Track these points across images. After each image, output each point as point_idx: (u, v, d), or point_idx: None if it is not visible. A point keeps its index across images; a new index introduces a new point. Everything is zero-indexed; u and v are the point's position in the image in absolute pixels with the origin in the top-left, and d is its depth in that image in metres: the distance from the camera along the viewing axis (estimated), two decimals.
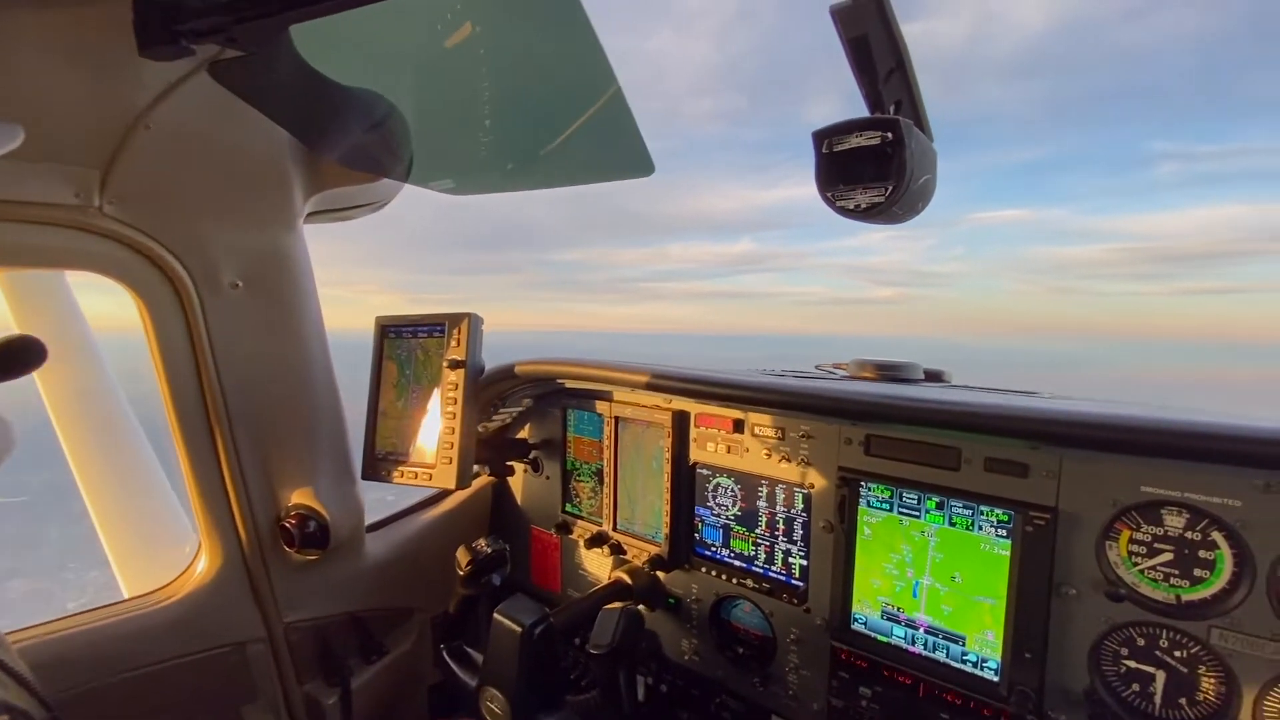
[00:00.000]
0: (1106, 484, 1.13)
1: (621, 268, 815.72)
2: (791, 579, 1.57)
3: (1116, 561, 1.15)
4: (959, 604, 1.29)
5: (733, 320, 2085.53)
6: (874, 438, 1.39)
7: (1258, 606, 1.01)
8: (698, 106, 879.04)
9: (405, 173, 1.66)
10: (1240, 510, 1.02)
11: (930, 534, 1.32)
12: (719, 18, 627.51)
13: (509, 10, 1.38)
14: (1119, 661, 1.15)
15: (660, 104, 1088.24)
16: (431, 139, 1.67)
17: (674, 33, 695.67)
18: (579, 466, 1.99)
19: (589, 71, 1.35)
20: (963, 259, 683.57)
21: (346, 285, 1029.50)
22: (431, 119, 1.60)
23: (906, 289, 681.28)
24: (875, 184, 1.02)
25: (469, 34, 1.34)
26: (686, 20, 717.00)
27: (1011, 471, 1.22)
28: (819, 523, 1.49)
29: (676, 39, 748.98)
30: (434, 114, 1.59)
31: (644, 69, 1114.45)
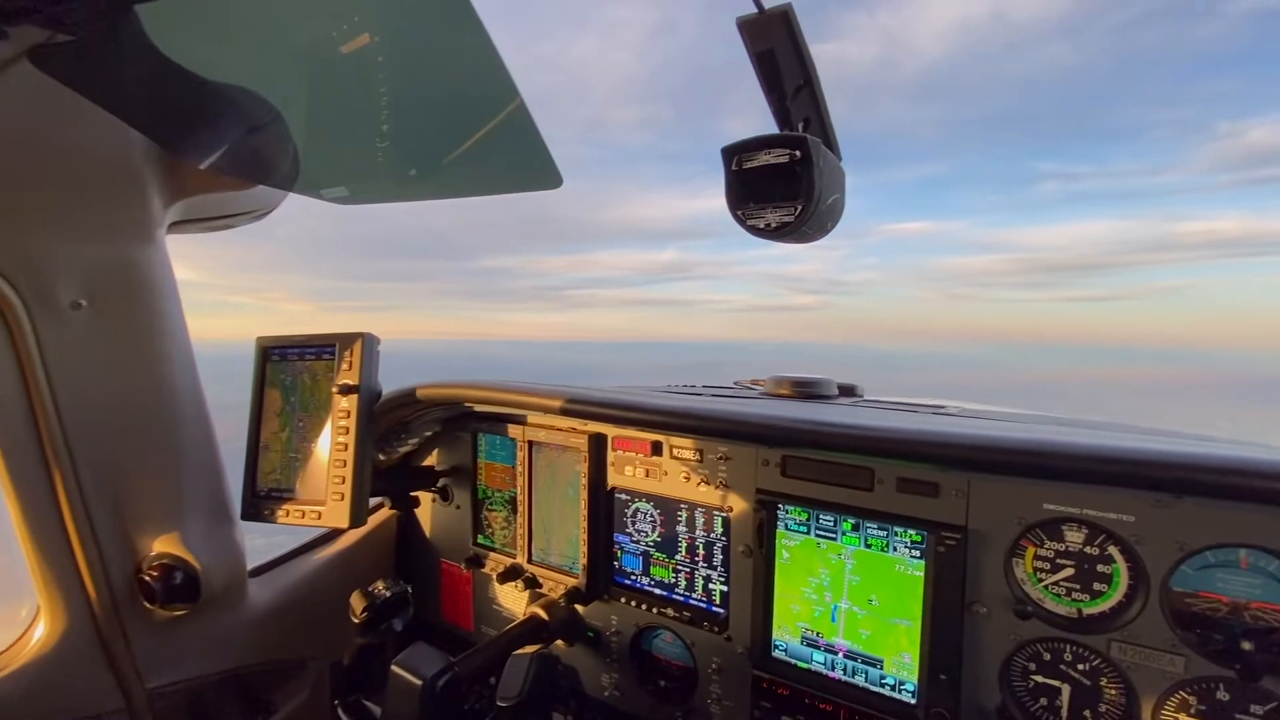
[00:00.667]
0: (1012, 502, 1.14)
1: (549, 275, 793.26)
2: (712, 606, 1.52)
3: (1023, 578, 1.16)
4: (876, 627, 1.27)
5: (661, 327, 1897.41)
6: (790, 459, 1.37)
7: (1153, 619, 1.04)
8: (624, 115, 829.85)
9: (283, 179, 1.50)
10: (1133, 525, 1.05)
11: (847, 556, 1.30)
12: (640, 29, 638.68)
13: (400, 12, 1.27)
14: (1028, 677, 1.17)
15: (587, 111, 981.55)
16: (314, 142, 1.52)
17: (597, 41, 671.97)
18: (491, 495, 1.87)
19: (487, 82, 1.26)
20: (874, 269, 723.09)
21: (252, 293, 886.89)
22: (312, 120, 1.45)
23: (824, 297, 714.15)
24: (785, 203, 0.99)
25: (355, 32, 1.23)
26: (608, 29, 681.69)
27: (923, 491, 1.21)
28: (738, 547, 1.45)
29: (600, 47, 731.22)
30: (315, 114, 1.44)
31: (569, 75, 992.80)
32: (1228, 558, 1.01)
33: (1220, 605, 1.02)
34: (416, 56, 1.31)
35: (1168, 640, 1.03)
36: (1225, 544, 1.00)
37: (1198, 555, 1.02)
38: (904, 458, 1.18)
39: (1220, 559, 1.02)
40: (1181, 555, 1.02)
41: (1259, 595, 1.00)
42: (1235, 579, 1.01)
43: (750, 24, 0.99)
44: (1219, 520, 0.99)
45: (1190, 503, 1.01)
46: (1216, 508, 0.99)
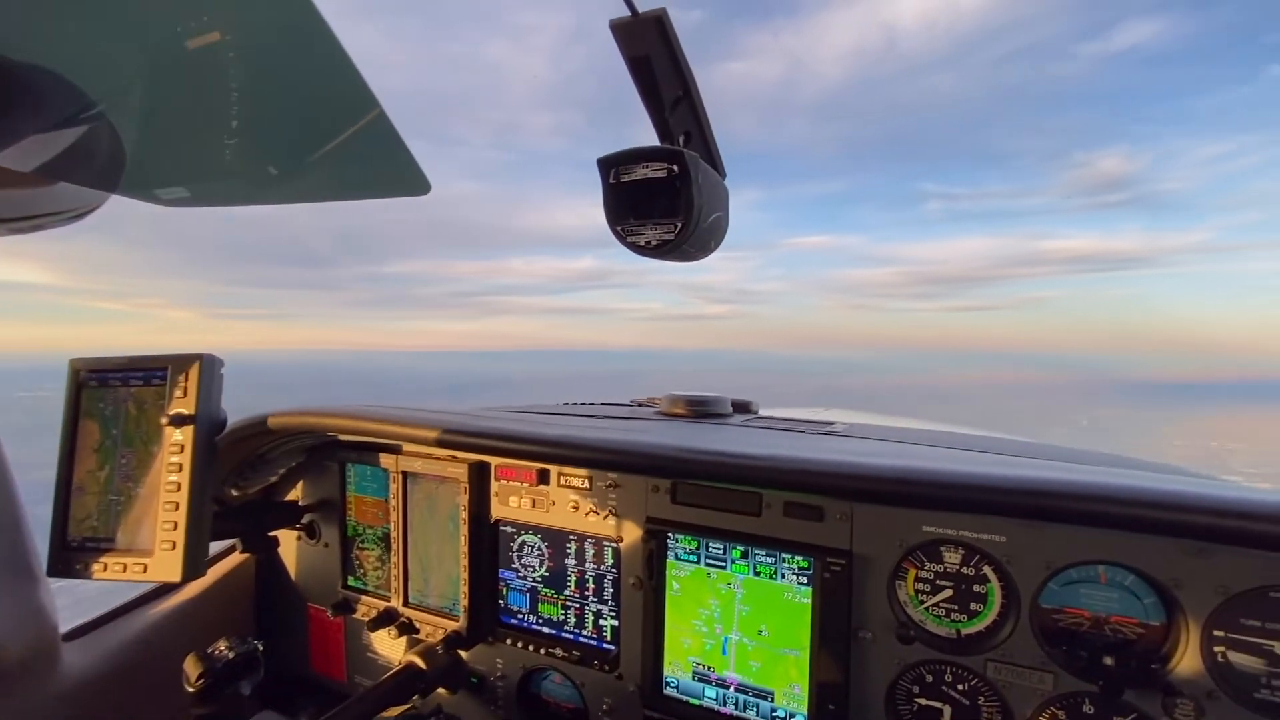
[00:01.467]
0: (894, 525, 1.14)
1: (462, 281, 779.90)
2: (603, 643, 1.43)
3: (905, 600, 1.16)
4: (766, 658, 1.23)
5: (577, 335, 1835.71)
6: (681, 485, 1.31)
7: (1024, 637, 1.06)
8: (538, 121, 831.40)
9: (98, 178, 1.28)
10: (1005, 545, 1.06)
11: (736, 585, 1.25)
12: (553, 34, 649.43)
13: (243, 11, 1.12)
14: (911, 700, 1.16)
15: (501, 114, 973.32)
16: (146, 139, 1.31)
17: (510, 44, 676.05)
18: (362, 531, 1.70)
19: (339, 87, 1.13)
20: (781, 279, 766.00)
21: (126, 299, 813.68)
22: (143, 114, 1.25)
23: (735, 306, 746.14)
24: (665, 220, 0.92)
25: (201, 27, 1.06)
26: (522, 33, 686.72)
27: (808, 516, 1.19)
28: (629, 579, 1.37)
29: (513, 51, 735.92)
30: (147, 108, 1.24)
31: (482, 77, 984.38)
32: (1089, 574, 1.04)
33: (1083, 620, 1.05)
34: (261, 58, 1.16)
35: (1038, 658, 1.05)
36: (1086, 561, 1.02)
37: (1063, 572, 1.04)
38: (787, 488, 1.15)
39: (1082, 575, 1.05)
40: (1048, 573, 1.04)
41: (1117, 609, 1.03)
42: (1096, 594, 1.04)
43: (623, 27, 0.92)
44: (1081, 539, 1.02)
45: (1055, 529, 1.03)
46: (1079, 528, 1.02)
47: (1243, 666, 0.95)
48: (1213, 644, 0.96)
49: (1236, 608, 0.95)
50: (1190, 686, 0.96)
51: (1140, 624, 1.02)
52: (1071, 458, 1.33)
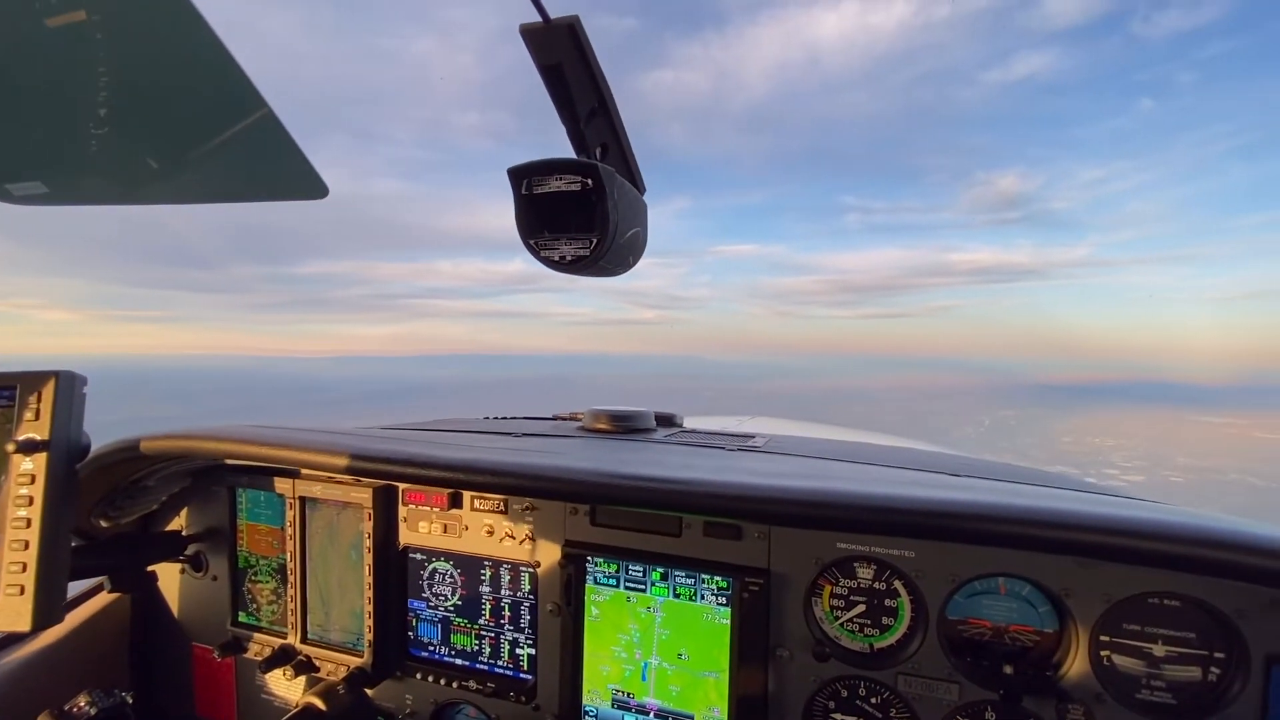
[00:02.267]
0: (810, 543, 1.14)
1: (385, 283, 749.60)
2: (520, 673, 1.37)
3: (821, 617, 1.16)
4: (686, 682, 1.21)
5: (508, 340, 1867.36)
6: (601, 507, 1.27)
7: (932, 649, 1.09)
8: (465, 120, 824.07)
9: None
10: (914, 560, 1.09)
11: (656, 609, 1.23)
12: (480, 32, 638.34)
13: None
14: (828, 715, 1.17)
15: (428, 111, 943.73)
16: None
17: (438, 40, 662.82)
18: (255, 562, 1.56)
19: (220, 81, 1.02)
20: (709, 285, 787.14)
21: None
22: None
23: (665, 311, 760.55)
24: (581, 235, 0.88)
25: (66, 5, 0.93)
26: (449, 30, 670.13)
27: (727, 535, 1.18)
28: (546, 605, 1.32)
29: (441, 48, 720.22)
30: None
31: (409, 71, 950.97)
32: (990, 585, 1.08)
33: (986, 630, 1.09)
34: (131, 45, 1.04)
35: (944, 669, 1.08)
36: (988, 574, 1.06)
37: (966, 585, 1.08)
38: (703, 513, 1.14)
39: (985, 587, 1.08)
40: (954, 586, 1.07)
41: (1015, 618, 1.08)
42: (997, 604, 1.08)
43: (534, 33, 0.88)
44: (983, 552, 1.05)
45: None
46: (984, 549, 1.05)
47: (1126, 669, 1.01)
48: (1099, 648, 1.02)
49: (1119, 613, 1.00)
50: (1080, 691, 1.01)
51: (1036, 632, 1.06)
52: (974, 470, 1.39)
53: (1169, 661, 0.99)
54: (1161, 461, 36.39)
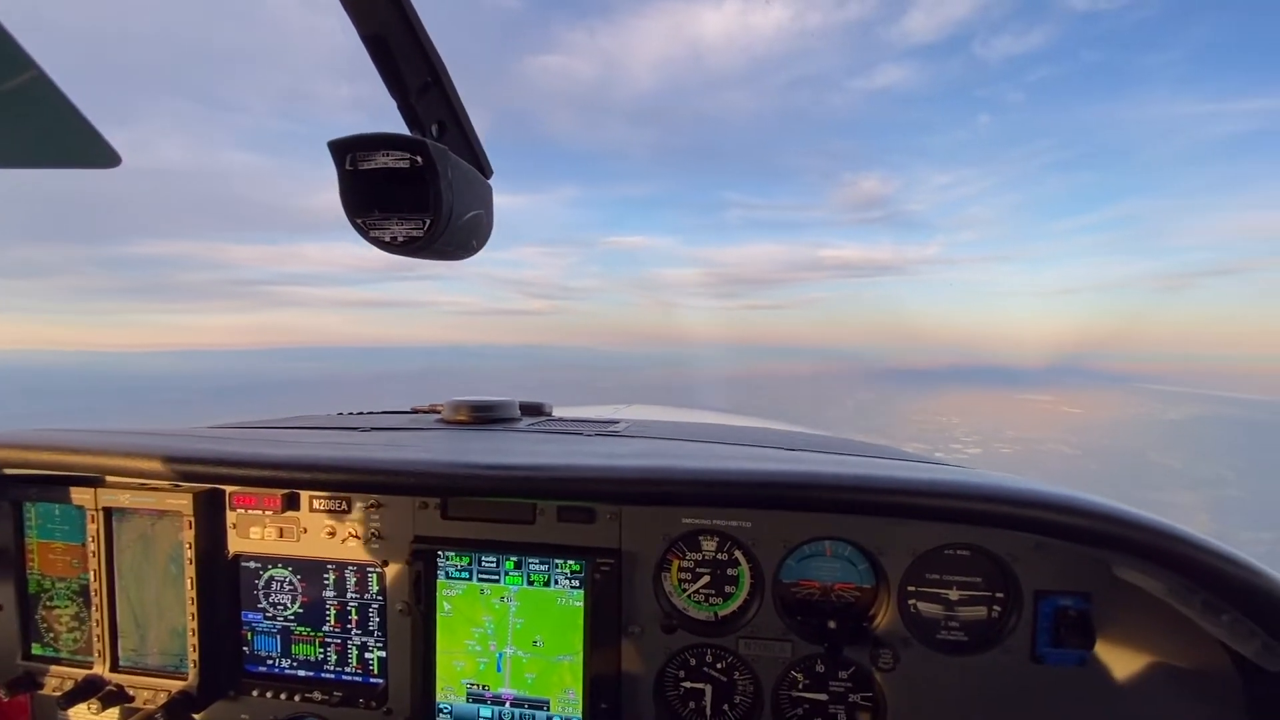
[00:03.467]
0: (658, 520, 1.18)
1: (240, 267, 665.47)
2: (370, 678, 1.31)
3: (670, 591, 1.21)
4: (541, 668, 1.21)
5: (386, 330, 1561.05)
6: (452, 500, 1.24)
7: (768, 612, 1.17)
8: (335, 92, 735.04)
9: None
10: (751, 530, 1.16)
11: (510, 599, 1.22)
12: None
13: None
14: (678, 685, 1.22)
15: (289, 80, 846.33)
16: None
17: None
18: (50, 586, 1.36)
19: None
20: (599, 276, 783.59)
21: None
22: None
23: (555, 301, 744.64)
24: (412, 215, 0.85)
25: None
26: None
27: (580, 519, 1.19)
28: (396, 605, 1.27)
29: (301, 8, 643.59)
30: None
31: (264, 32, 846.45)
32: (817, 549, 1.18)
33: (815, 590, 1.19)
34: None
35: (779, 629, 1.17)
36: (815, 538, 1.16)
37: (797, 550, 1.17)
38: (549, 497, 1.15)
39: (813, 550, 1.18)
40: (786, 551, 1.16)
41: (840, 577, 1.18)
42: (824, 566, 1.19)
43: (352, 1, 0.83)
44: (811, 519, 1.15)
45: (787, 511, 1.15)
46: (811, 516, 1.14)
47: (928, 614, 1.15)
48: (906, 598, 1.15)
49: (922, 565, 1.13)
50: (891, 637, 1.13)
51: (856, 588, 1.18)
52: (810, 445, 1.50)
53: (962, 604, 1.14)
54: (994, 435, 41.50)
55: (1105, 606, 1.07)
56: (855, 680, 1.18)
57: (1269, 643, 0.91)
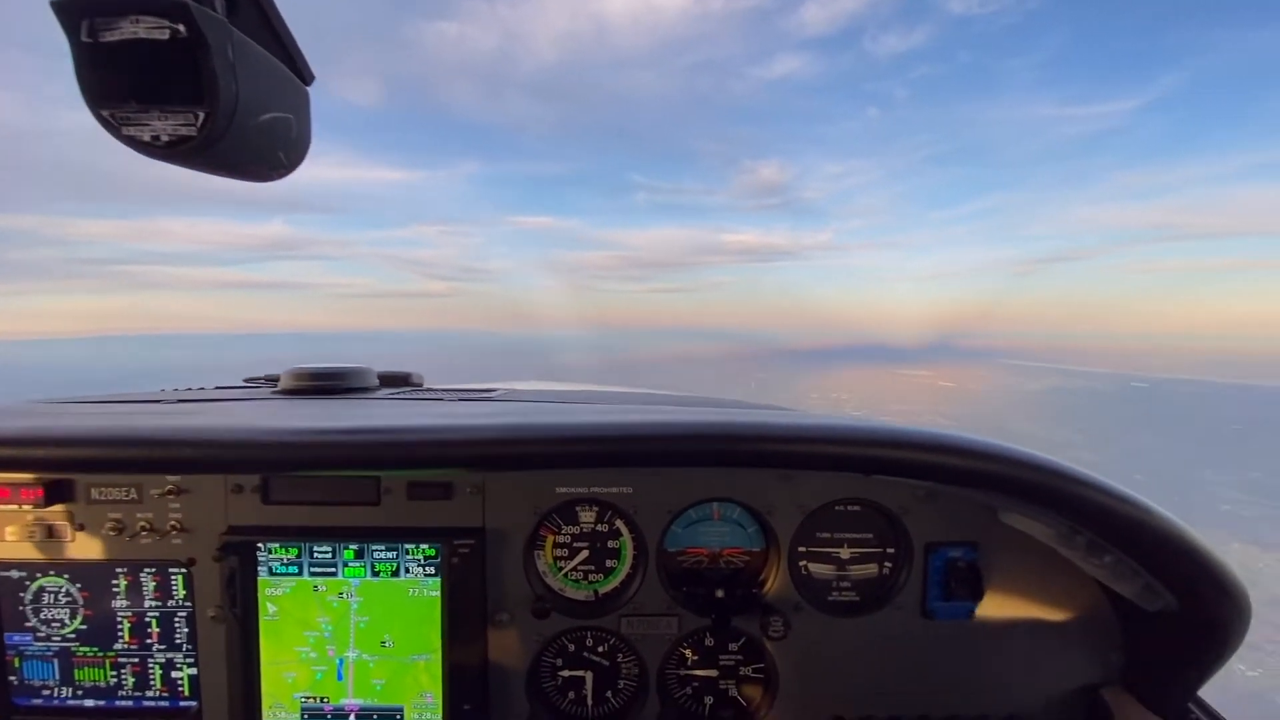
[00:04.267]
0: (528, 492, 1.03)
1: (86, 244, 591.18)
2: (179, 701, 1.07)
3: (545, 570, 1.07)
4: (392, 672, 1.03)
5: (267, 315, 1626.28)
6: (275, 481, 1.02)
7: (652, 586, 1.05)
8: None
9: None
10: (632, 496, 1.04)
11: (351, 594, 1.02)
12: None
13: None
14: (555, 675, 1.08)
15: None
16: None
17: None
18: None
19: None
20: (506, 257, 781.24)
21: None
22: None
23: (457, 284, 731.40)
24: (180, 108, 0.63)
25: None
26: None
27: (436, 495, 1.02)
28: (207, 612, 1.04)
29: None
30: None
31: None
32: (704, 513, 1.08)
33: (703, 558, 1.09)
34: None
35: (664, 603, 1.05)
36: (700, 500, 1.05)
37: (682, 515, 1.06)
38: (382, 466, 0.94)
39: (700, 514, 1.08)
40: (670, 517, 1.04)
41: (729, 541, 1.09)
42: (712, 531, 1.08)
43: None
44: (697, 481, 1.04)
45: (670, 472, 1.03)
46: (698, 470, 1.04)
47: (820, 575, 1.08)
48: (797, 559, 1.07)
49: (813, 523, 1.06)
50: (782, 603, 1.05)
51: (746, 552, 1.08)
52: (700, 404, 1.40)
53: (853, 562, 1.07)
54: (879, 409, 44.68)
55: (992, 556, 1.03)
56: (746, 652, 1.09)
57: (1150, 582, 0.90)
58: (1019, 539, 1.01)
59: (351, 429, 0.88)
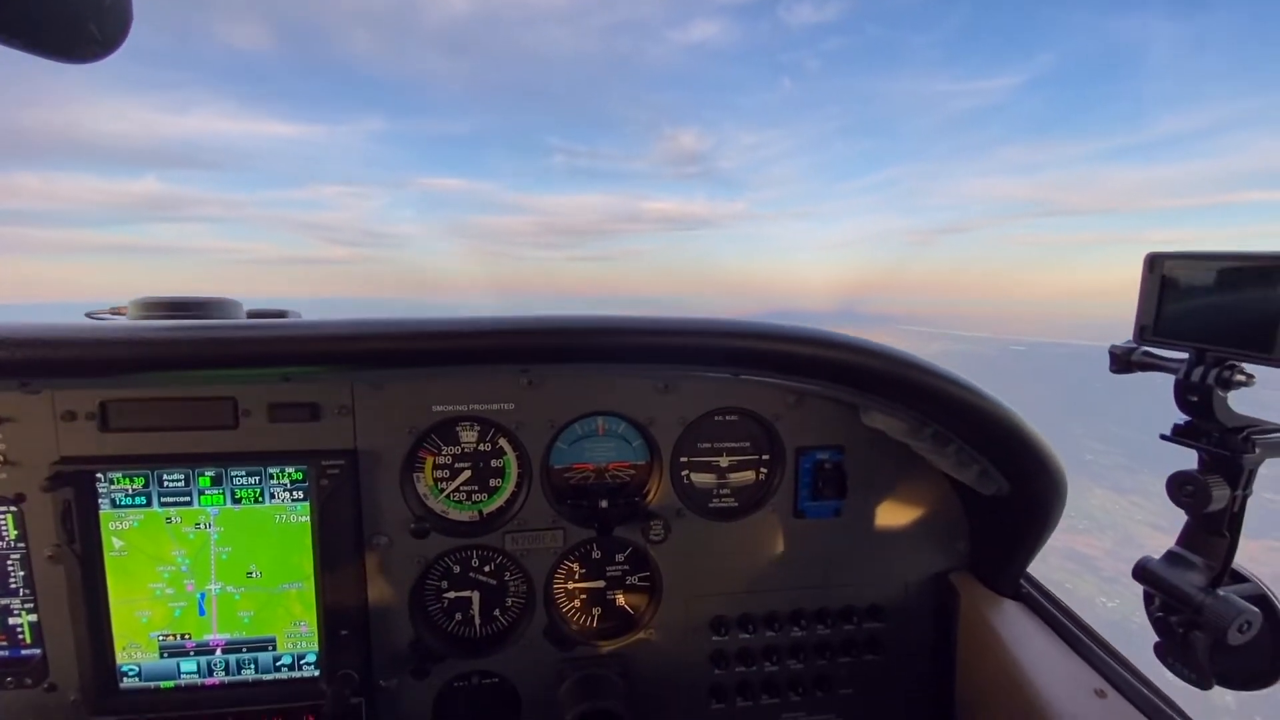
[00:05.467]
0: (402, 412, 1.00)
1: None
2: (20, 650, 0.98)
3: (425, 493, 1.04)
4: (261, 603, 0.99)
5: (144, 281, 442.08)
6: (113, 404, 0.93)
7: (537, 502, 1.05)
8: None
9: None
10: (515, 413, 1.03)
11: (210, 524, 0.96)
12: None
13: None
14: (440, 597, 1.07)
15: None
16: None
17: None
18: None
19: None
20: (413, 221, 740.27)
21: None
22: None
23: (362, 249, 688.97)
24: None
25: None
26: None
27: (300, 416, 0.97)
28: (43, 552, 0.95)
29: None
30: None
31: None
32: (589, 428, 1.08)
33: (589, 473, 1.10)
34: None
35: (549, 517, 1.06)
36: (584, 415, 1.06)
37: (567, 430, 1.06)
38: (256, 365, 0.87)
39: (585, 430, 1.08)
40: (554, 432, 1.05)
41: (614, 456, 1.10)
42: (597, 446, 1.09)
43: None
44: (578, 396, 1.04)
45: (555, 383, 1.03)
46: (580, 384, 1.03)
47: (701, 484, 1.11)
48: (680, 469, 1.10)
49: (693, 434, 1.09)
50: (664, 510, 1.08)
51: (631, 466, 1.10)
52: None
53: (732, 470, 1.12)
54: None
55: (855, 457, 1.11)
56: (632, 562, 1.12)
57: (986, 467, 0.99)
58: (879, 440, 1.08)
59: (200, 326, 0.82)
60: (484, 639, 1.09)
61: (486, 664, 1.08)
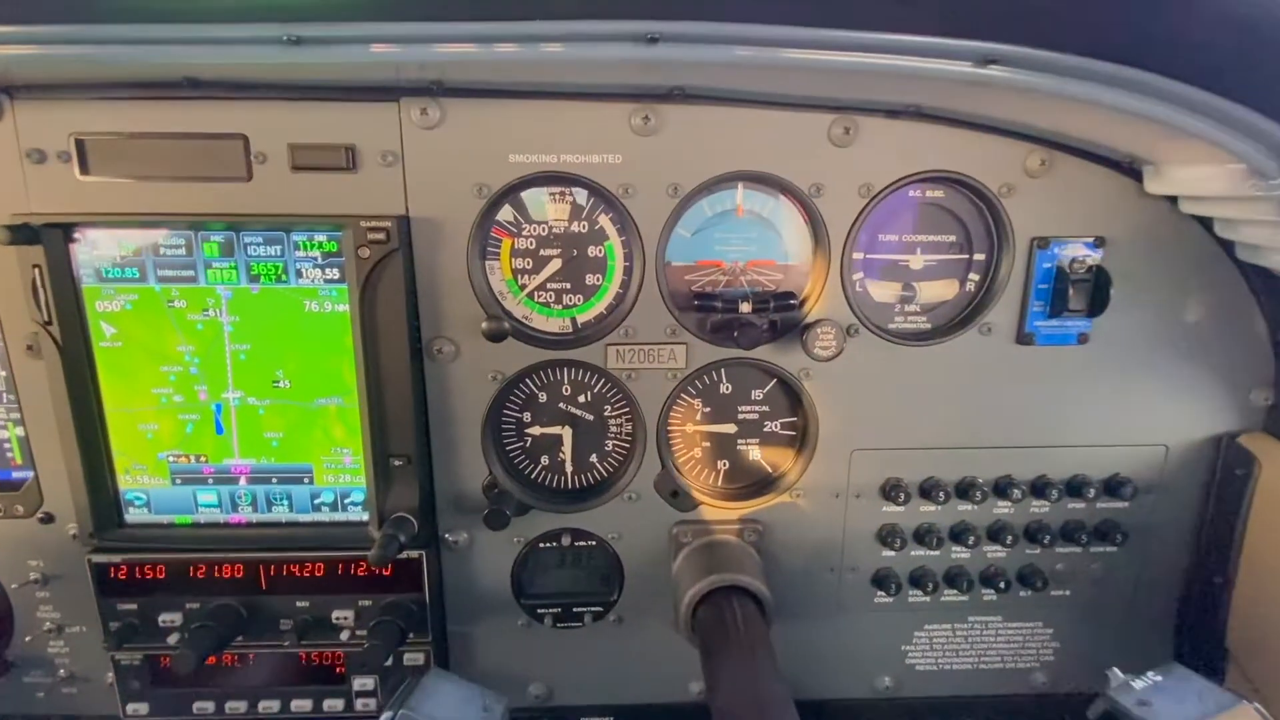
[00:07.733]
0: (469, 161, 0.71)
1: None
2: (11, 472, 0.79)
3: (502, 290, 0.77)
4: (292, 421, 0.75)
5: None
6: (93, 141, 0.69)
7: (651, 303, 0.76)
8: None
9: None
10: (622, 169, 0.72)
11: (222, 311, 0.72)
12: None
13: None
14: (522, 433, 0.81)
15: None
16: None
17: None
18: None
19: None
20: None
21: None
22: None
23: None
24: None
25: None
26: None
27: (333, 164, 0.69)
28: (19, 343, 0.73)
29: None
30: None
31: None
32: (723, 204, 0.76)
33: (719, 274, 0.79)
34: None
35: (667, 327, 0.77)
36: (722, 179, 0.74)
37: (692, 208, 0.75)
38: None
39: (716, 208, 0.76)
40: (676, 203, 0.73)
41: (755, 252, 0.79)
42: (731, 237, 0.78)
43: None
44: (716, 147, 0.72)
45: (683, 126, 0.71)
46: (716, 128, 0.72)
47: (881, 293, 0.79)
48: (851, 272, 0.78)
49: (876, 217, 0.76)
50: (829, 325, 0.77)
51: (779, 267, 0.79)
52: None
53: (928, 274, 0.79)
54: None
55: (1120, 253, 0.75)
56: (774, 401, 0.82)
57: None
58: (1160, 230, 0.73)
59: None
60: (579, 490, 0.83)
61: (581, 521, 0.82)
